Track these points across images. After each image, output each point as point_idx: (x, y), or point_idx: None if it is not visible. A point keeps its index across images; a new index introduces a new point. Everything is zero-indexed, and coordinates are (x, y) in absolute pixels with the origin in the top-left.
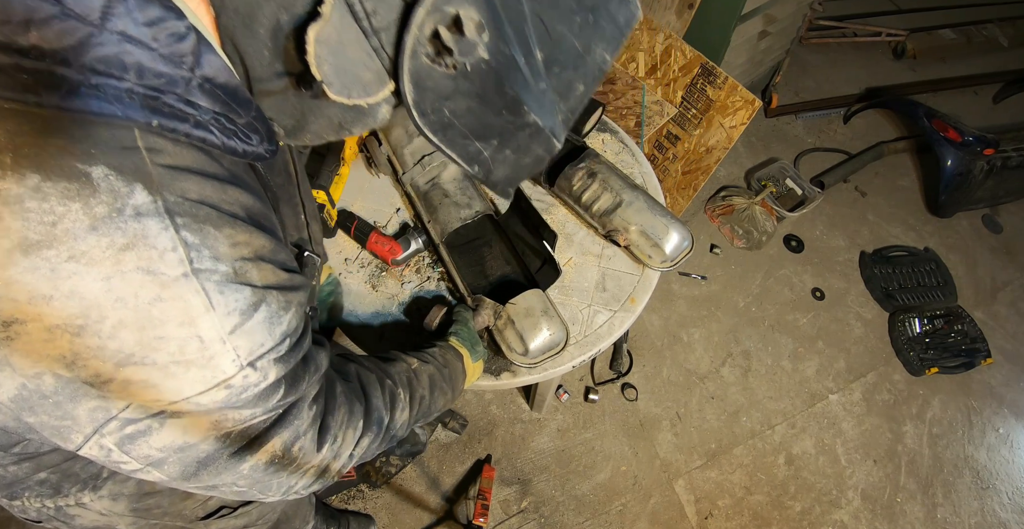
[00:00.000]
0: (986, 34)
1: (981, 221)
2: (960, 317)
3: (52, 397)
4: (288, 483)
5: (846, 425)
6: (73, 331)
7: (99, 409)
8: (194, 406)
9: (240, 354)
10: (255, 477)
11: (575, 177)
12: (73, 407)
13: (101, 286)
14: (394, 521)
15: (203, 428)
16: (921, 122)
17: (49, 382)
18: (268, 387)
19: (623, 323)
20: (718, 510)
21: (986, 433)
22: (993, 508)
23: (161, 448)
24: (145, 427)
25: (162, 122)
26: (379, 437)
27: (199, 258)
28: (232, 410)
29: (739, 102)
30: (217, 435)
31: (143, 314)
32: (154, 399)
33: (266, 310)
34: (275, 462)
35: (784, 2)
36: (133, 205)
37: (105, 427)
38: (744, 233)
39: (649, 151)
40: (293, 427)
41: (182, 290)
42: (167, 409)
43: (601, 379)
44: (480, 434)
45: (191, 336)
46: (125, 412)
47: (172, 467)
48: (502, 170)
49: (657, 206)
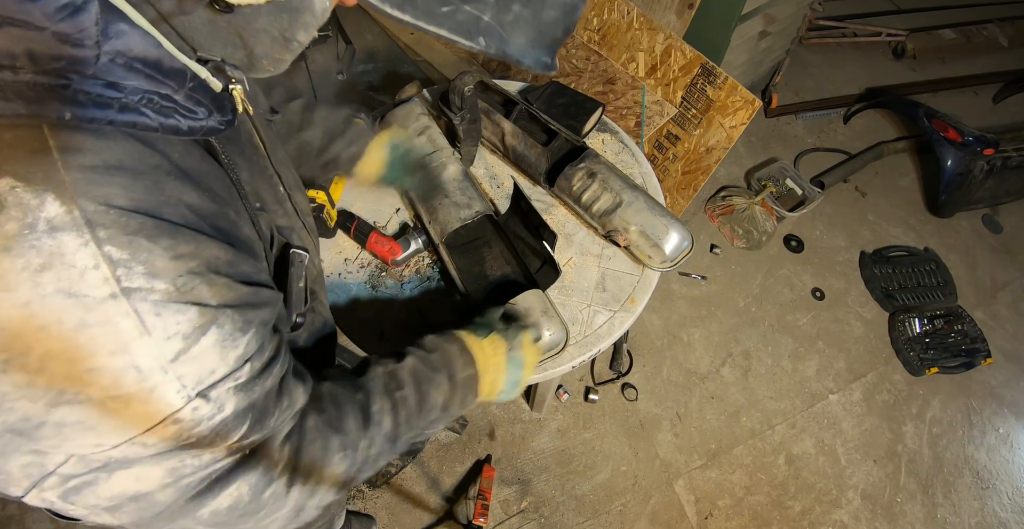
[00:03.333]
0: (986, 34)
1: (981, 221)
2: (960, 317)
3: None
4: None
5: (846, 425)
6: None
7: (33, 465)
8: (140, 448)
9: (187, 384)
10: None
11: (575, 177)
12: (3, 462)
13: (21, 313)
14: (394, 521)
15: (156, 476)
16: (921, 122)
17: None
18: (226, 421)
19: (623, 323)
20: (718, 510)
21: (986, 433)
22: (993, 508)
23: (111, 497)
24: (92, 478)
25: (75, 113)
26: (357, 463)
27: (128, 276)
28: (186, 451)
29: (739, 102)
30: (172, 482)
31: (70, 343)
32: (94, 444)
33: (217, 332)
34: (239, 507)
35: (784, 2)
36: (46, 218)
37: (44, 482)
38: (744, 233)
39: (649, 151)
40: (261, 469)
41: (109, 313)
42: (112, 456)
43: (601, 379)
44: (480, 434)
45: (126, 366)
46: (64, 467)
47: (126, 515)
48: (521, 34)
49: (657, 206)
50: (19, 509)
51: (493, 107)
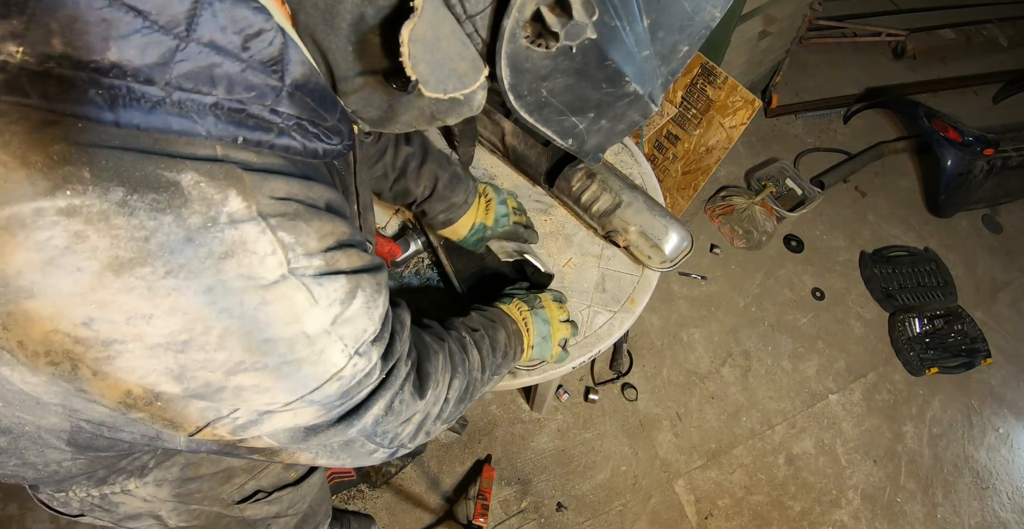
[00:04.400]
0: (986, 34)
1: (981, 221)
2: (960, 317)
3: (158, 402)
4: (393, 434)
5: (846, 425)
6: (177, 348)
7: (209, 409)
8: (307, 404)
9: (347, 343)
10: (364, 434)
11: (574, 178)
12: (183, 408)
13: (203, 299)
14: (394, 521)
15: (311, 412)
16: (921, 122)
17: (154, 392)
18: (374, 368)
19: (623, 324)
20: (718, 510)
21: (986, 433)
22: (993, 508)
23: (273, 431)
24: (258, 418)
25: (246, 136)
26: (464, 378)
27: (295, 257)
28: (342, 398)
29: (739, 102)
30: (324, 414)
31: (249, 321)
32: (267, 402)
33: (362, 295)
34: (379, 420)
35: (784, 2)
36: (228, 212)
37: (217, 423)
38: (744, 233)
39: (649, 151)
40: (394, 387)
41: (284, 290)
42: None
43: (601, 379)
44: (480, 434)
45: (298, 334)
46: (236, 413)
47: (283, 438)
48: (595, 139)
49: (656, 206)
50: (19, 509)
51: (493, 107)
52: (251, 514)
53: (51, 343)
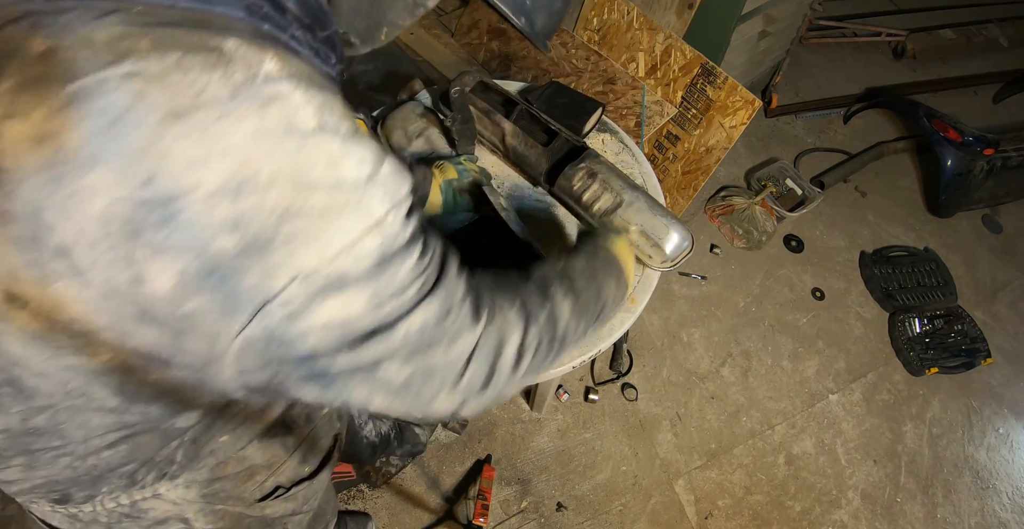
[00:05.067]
0: (986, 34)
1: (981, 221)
2: (960, 317)
3: (216, 272)
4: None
5: (846, 425)
6: (232, 193)
7: (259, 287)
8: (352, 261)
9: (384, 198)
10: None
11: (575, 177)
12: (236, 282)
13: (251, 141)
14: (394, 521)
15: (360, 302)
16: (921, 122)
17: (212, 257)
18: (412, 235)
19: (623, 324)
20: (718, 510)
21: (986, 433)
22: (993, 508)
23: (323, 324)
24: (307, 305)
25: (268, 27)
26: (546, 331)
27: (326, 116)
28: (382, 272)
29: (739, 102)
30: (372, 309)
31: (291, 162)
32: (317, 254)
33: (391, 163)
34: (426, 330)
35: (784, 2)
36: (265, 72)
37: (268, 307)
38: (744, 233)
39: (649, 151)
40: (443, 295)
41: (320, 139)
42: (329, 273)
43: (601, 379)
44: (480, 434)
45: (337, 180)
46: (287, 290)
47: (331, 339)
48: (541, 19)
49: (657, 206)
50: (19, 509)
51: (493, 107)
52: (270, 512)
53: (112, 219)
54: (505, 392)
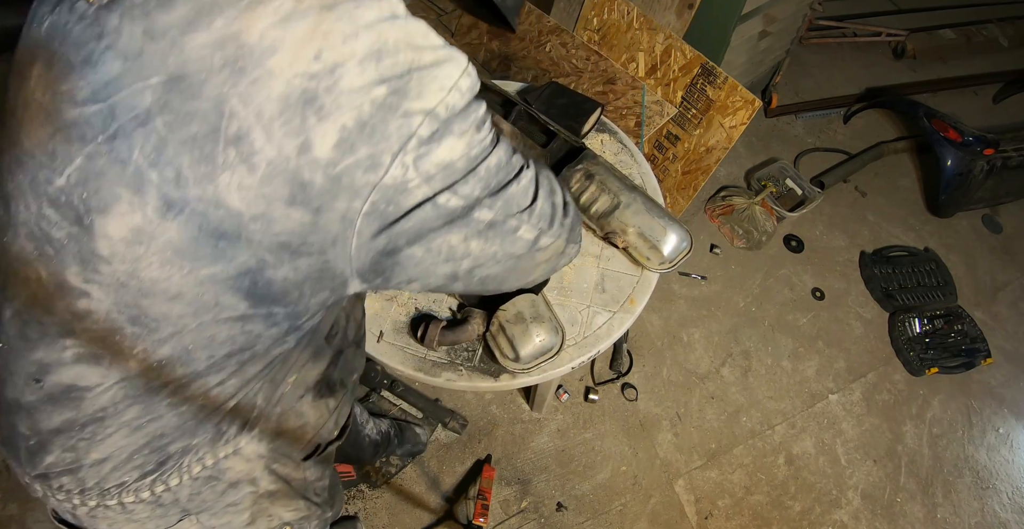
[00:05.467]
0: (986, 34)
1: (981, 221)
2: (960, 317)
3: (370, 122)
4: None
5: (846, 425)
6: (376, 57)
7: (404, 126)
8: (458, 97)
9: (461, 54)
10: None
11: (572, 179)
12: (385, 127)
13: (377, 19)
14: (394, 521)
15: (460, 148)
16: (921, 122)
17: (367, 109)
18: (478, 85)
19: (622, 324)
20: (718, 510)
21: (986, 433)
22: (993, 508)
23: (437, 163)
24: (430, 147)
25: None
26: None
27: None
28: (474, 109)
29: (739, 102)
30: (465, 153)
31: (404, 33)
32: (437, 92)
33: None
34: (501, 167)
35: (784, 2)
36: None
37: (408, 144)
38: (744, 233)
39: (649, 151)
40: (504, 142)
41: (411, 20)
42: (447, 109)
43: (601, 379)
44: (480, 434)
45: (432, 43)
46: (421, 128)
47: (437, 182)
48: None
49: (656, 207)
50: (19, 509)
51: (492, 107)
52: (309, 474)
53: (290, 94)
54: (562, 237)
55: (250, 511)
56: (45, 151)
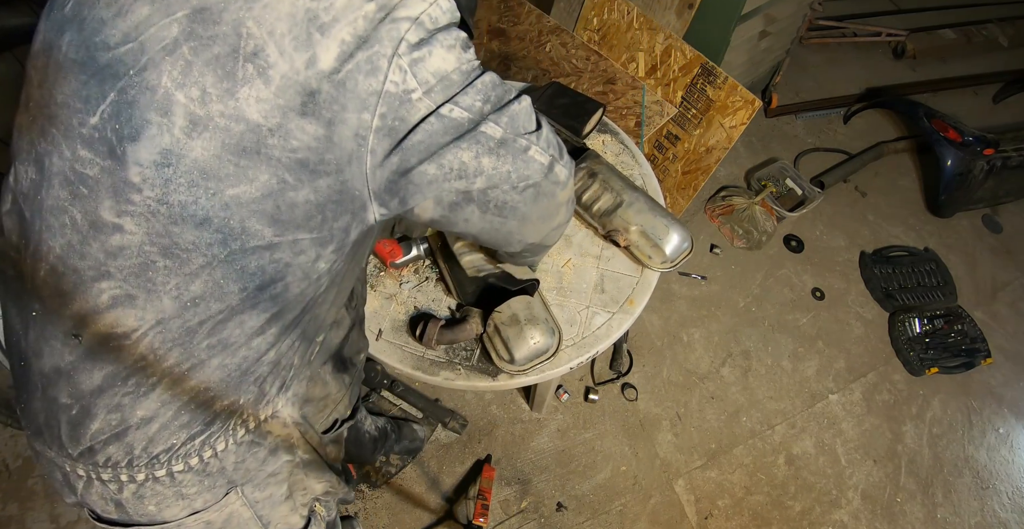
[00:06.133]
0: (986, 34)
1: (981, 221)
2: (960, 317)
3: (364, 33)
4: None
5: (846, 425)
6: None
7: (392, 30)
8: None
9: None
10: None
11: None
12: (377, 34)
13: None
14: (394, 521)
15: (452, 59)
16: (921, 122)
17: (360, 23)
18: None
19: (622, 324)
20: (718, 510)
21: (986, 433)
22: (993, 508)
23: (433, 73)
24: (422, 54)
25: None
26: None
27: None
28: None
29: (739, 102)
30: (458, 66)
31: None
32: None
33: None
34: (496, 85)
35: (784, 2)
36: None
37: (400, 47)
38: (744, 233)
39: (649, 151)
40: (492, 71)
41: None
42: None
43: (601, 379)
44: (480, 434)
45: None
46: (408, 33)
47: (437, 94)
48: None
49: (657, 207)
50: (19, 509)
51: None
52: (329, 450)
53: (296, 12)
54: (567, 166)
55: (287, 483)
56: (79, 98)
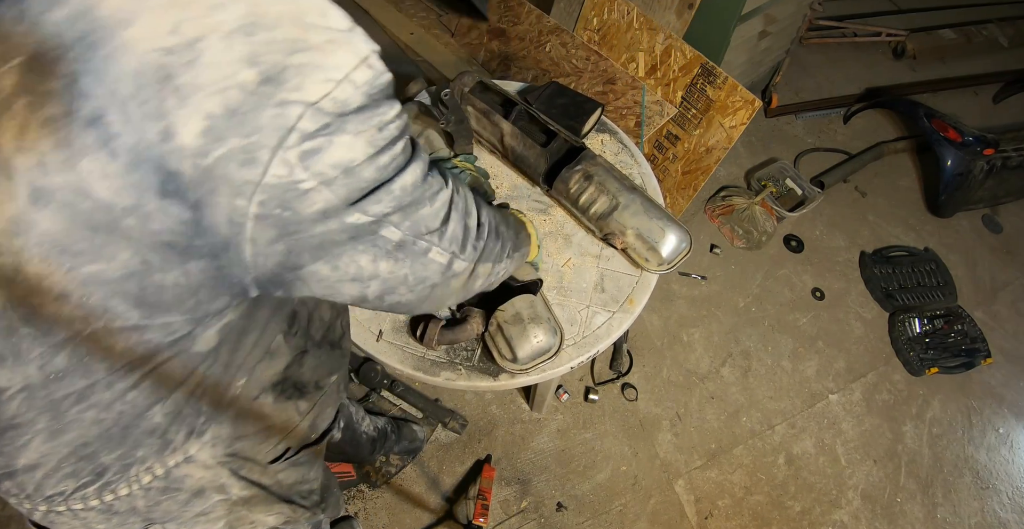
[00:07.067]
0: (986, 34)
1: (981, 221)
2: (960, 317)
3: (239, 111)
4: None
5: (846, 425)
6: (247, 30)
7: (279, 117)
8: (351, 89)
9: (364, 42)
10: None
11: (571, 180)
12: (257, 116)
13: None
14: (394, 521)
15: (360, 146)
16: (921, 122)
17: (234, 95)
18: (390, 85)
19: (622, 324)
20: (718, 510)
21: (986, 433)
22: (993, 508)
23: (333, 164)
24: (320, 144)
25: None
26: (493, 215)
27: None
28: (379, 106)
29: (739, 102)
30: (372, 156)
31: (292, 6)
32: (324, 80)
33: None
34: (417, 185)
35: (784, 2)
36: None
37: (288, 139)
38: (744, 233)
39: (649, 151)
40: (422, 157)
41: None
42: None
43: (601, 379)
44: (480, 434)
45: (329, 24)
46: (302, 122)
47: (340, 188)
48: None
49: (655, 208)
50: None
51: (492, 107)
52: (283, 478)
53: (144, 70)
54: (480, 256)
55: (225, 520)
56: None
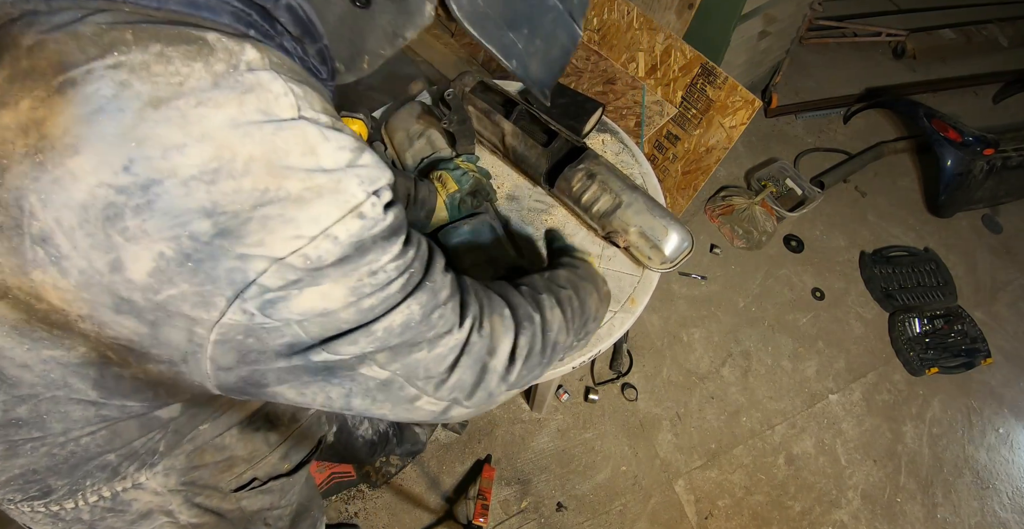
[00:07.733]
0: (986, 34)
1: (981, 221)
2: (960, 317)
3: (193, 257)
4: (435, 373)
5: (846, 425)
6: (209, 178)
7: (237, 271)
8: (331, 244)
9: (364, 181)
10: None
11: (574, 178)
12: (213, 267)
13: (228, 127)
14: (394, 521)
15: (340, 294)
16: (921, 122)
17: (187, 243)
18: (394, 226)
19: (623, 324)
20: (718, 510)
21: (986, 433)
22: (993, 508)
23: (302, 312)
24: (285, 294)
25: (256, 35)
26: (537, 338)
27: (305, 107)
28: (365, 256)
29: (739, 102)
30: (354, 302)
31: (267, 148)
32: (294, 236)
33: (371, 154)
34: (411, 324)
35: (784, 2)
36: (246, 61)
37: (246, 292)
38: (744, 233)
39: (649, 151)
40: (428, 293)
41: (297, 126)
42: (307, 256)
43: (601, 379)
44: (480, 434)
45: (315, 165)
46: (264, 277)
47: (312, 327)
48: (535, 64)
49: (657, 207)
50: None
51: (493, 107)
52: (247, 505)
53: (91, 204)
54: (495, 398)
55: None
56: None
